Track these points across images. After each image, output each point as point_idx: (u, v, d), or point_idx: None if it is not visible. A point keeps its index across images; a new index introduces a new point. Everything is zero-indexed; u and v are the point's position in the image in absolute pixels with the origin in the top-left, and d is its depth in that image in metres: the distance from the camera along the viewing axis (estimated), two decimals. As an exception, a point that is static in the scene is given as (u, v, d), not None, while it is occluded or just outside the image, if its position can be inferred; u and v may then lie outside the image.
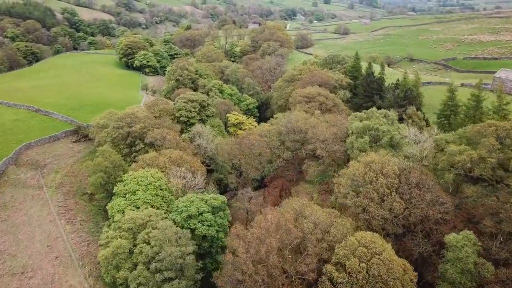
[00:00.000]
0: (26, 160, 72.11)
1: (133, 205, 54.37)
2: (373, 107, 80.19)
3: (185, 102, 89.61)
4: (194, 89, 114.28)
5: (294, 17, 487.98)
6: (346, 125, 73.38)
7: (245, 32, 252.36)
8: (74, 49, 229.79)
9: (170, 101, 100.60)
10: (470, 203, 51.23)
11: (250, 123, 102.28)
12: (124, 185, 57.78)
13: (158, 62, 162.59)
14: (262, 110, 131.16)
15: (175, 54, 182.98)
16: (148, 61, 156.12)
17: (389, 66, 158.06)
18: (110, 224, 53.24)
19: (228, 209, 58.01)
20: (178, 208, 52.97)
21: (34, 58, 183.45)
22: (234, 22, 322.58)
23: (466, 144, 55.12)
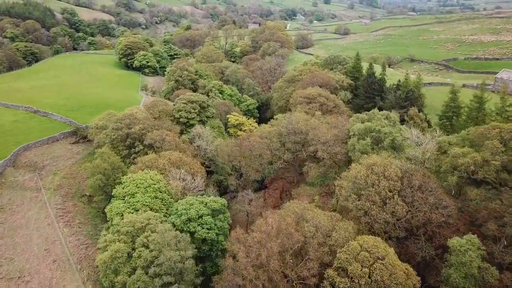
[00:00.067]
0: (24, 162, 71.45)
1: (132, 208, 53.84)
2: (374, 108, 79.60)
3: (184, 103, 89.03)
4: (194, 90, 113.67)
5: (294, 17, 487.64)
6: (347, 126, 72.70)
7: (245, 32, 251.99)
8: (73, 49, 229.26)
9: (170, 102, 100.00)
10: (473, 206, 50.44)
11: (250, 124, 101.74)
12: (123, 188, 57.25)
13: (158, 62, 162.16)
14: (262, 110, 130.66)
15: (175, 55, 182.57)
16: (148, 62, 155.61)
17: (390, 67, 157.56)
18: (109, 227, 52.68)
19: (228, 211, 57.51)
20: (177, 211, 52.44)
21: (34, 58, 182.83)
22: (234, 22, 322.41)
23: (469, 146, 54.35)
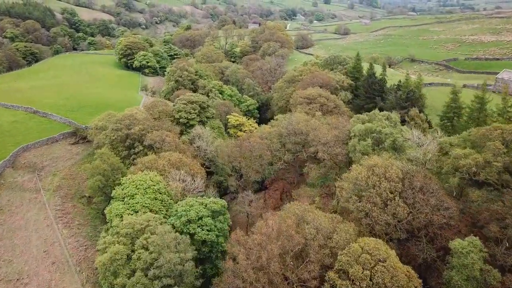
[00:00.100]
0: (24, 163, 71.15)
1: (132, 209, 53.50)
2: (375, 109, 79.26)
3: (184, 104, 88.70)
4: (194, 90, 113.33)
5: (294, 17, 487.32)
6: (348, 127, 72.33)
7: (245, 32, 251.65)
8: (73, 49, 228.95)
9: (170, 103, 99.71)
10: (475, 207, 50.16)
11: (250, 125, 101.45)
12: (123, 189, 56.90)
13: (158, 62, 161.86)
14: (262, 111, 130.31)
15: (175, 55, 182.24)
16: (148, 62, 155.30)
17: (390, 67, 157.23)
18: (108, 229, 52.36)
19: (228, 212, 57.18)
20: (177, 212, 52.12)
21: (34, 58, 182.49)
22: (234, 22, 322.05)
23: (471, 148, 54.05)
